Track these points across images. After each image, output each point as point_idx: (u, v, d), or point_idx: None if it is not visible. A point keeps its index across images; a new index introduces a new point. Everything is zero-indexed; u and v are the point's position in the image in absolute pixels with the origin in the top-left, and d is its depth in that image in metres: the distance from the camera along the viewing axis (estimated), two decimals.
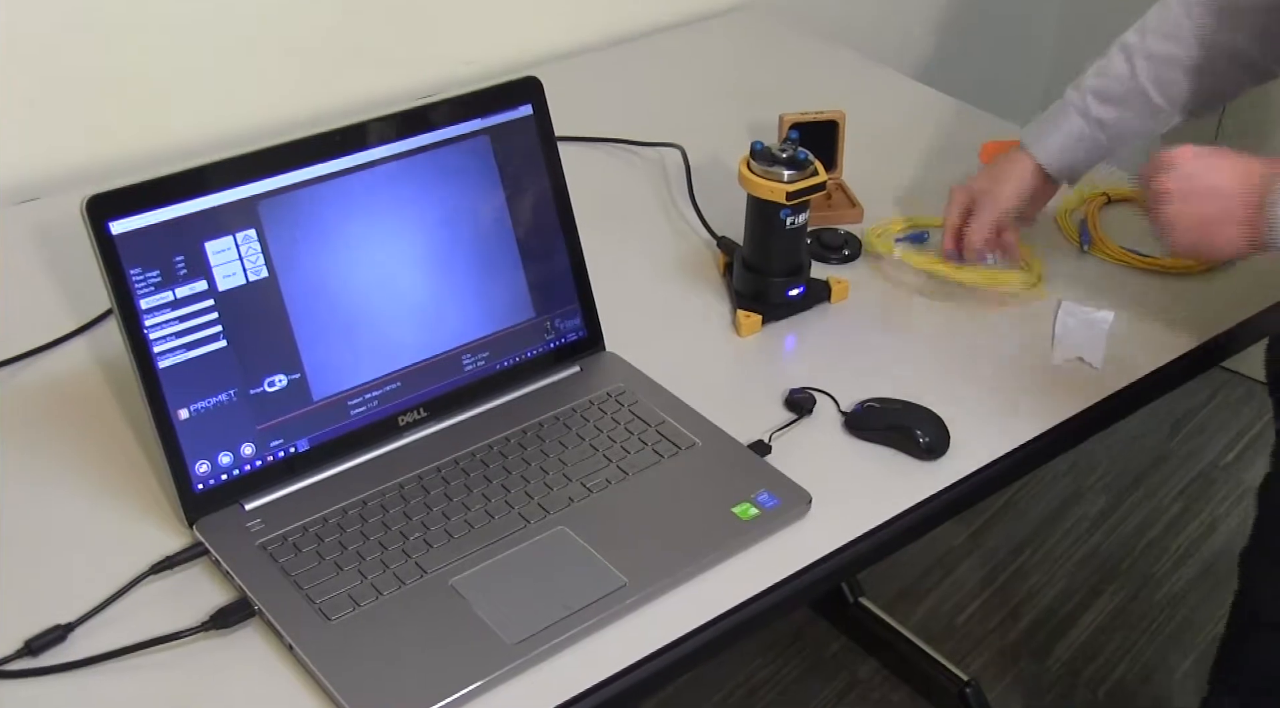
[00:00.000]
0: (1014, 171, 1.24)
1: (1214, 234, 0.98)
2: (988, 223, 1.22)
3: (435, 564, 0.94)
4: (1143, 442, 2.36)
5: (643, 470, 1.03)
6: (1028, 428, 1.11)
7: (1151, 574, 2.10)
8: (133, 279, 0.91)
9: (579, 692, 0.87)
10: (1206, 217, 0.98)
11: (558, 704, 0.86)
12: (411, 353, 1.04)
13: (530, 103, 1.08)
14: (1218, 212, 0.97)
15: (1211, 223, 0.98)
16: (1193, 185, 0.98)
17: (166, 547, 0.95)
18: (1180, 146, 1.00)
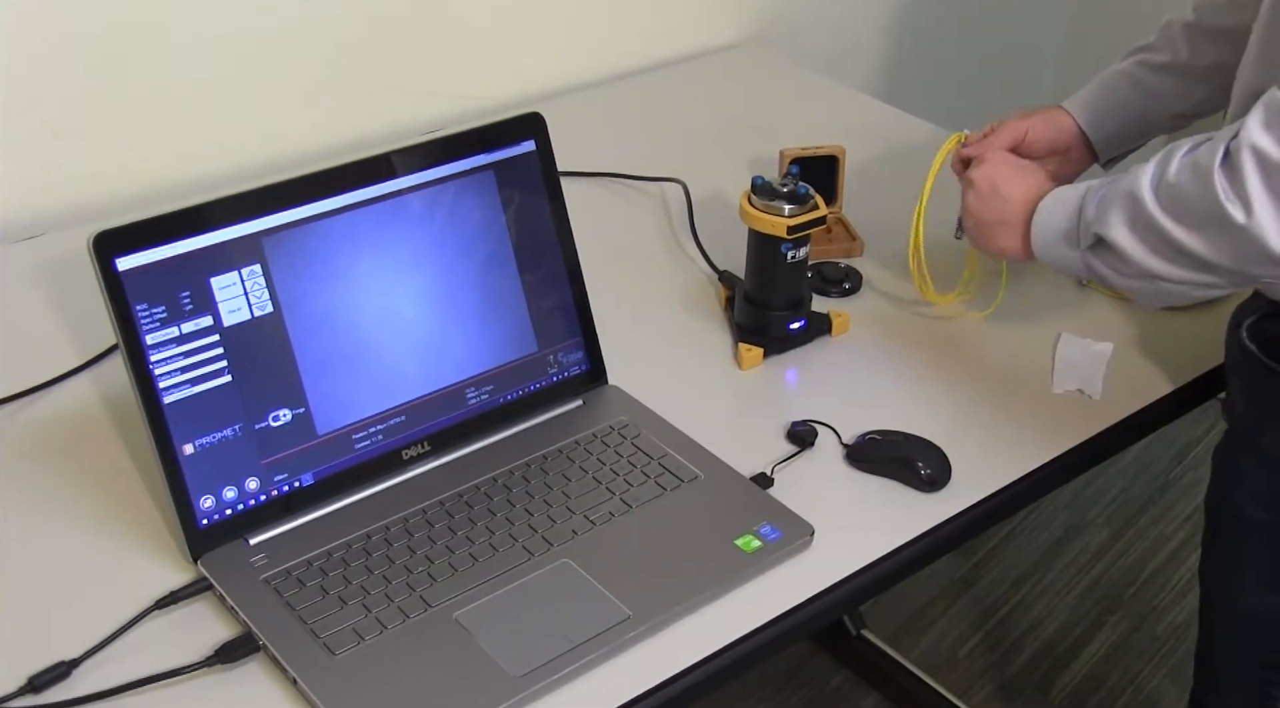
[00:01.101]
0: (1048, 116, 1.25)
1: (995, 236, 1.09)
2: (1004, 138, 1.22)
3: (439, 598, 0.94)
4: (1144, 473, 2.35)
5: (646, 503, 1.03)
6: (1029, 459, 1.11)
7: (1154, 606, 2.09)
8: (139, 315, 0.92)
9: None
10: (991, 219, 1.09)
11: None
12: (415, 387, 1.05)
13: (533, 138, 1.09)
14: (1000, 217, 1.08)
15: (995, 225, 1.09)
16: (990, 187, 1.10)
17: (171, 582, 0.95)
18: (1001, 152, 1.12)
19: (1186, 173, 0.93)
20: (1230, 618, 1.16)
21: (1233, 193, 0.88)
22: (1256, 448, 1.09)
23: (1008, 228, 1.08)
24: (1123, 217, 0.96)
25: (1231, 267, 0.92)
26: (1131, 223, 0.96)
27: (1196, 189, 0.91)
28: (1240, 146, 0.88)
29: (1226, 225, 0.89)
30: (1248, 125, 0.88)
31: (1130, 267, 0.97)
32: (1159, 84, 1.22)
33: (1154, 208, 0.94)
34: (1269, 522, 1.08)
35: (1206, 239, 0.91)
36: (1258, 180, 0.87)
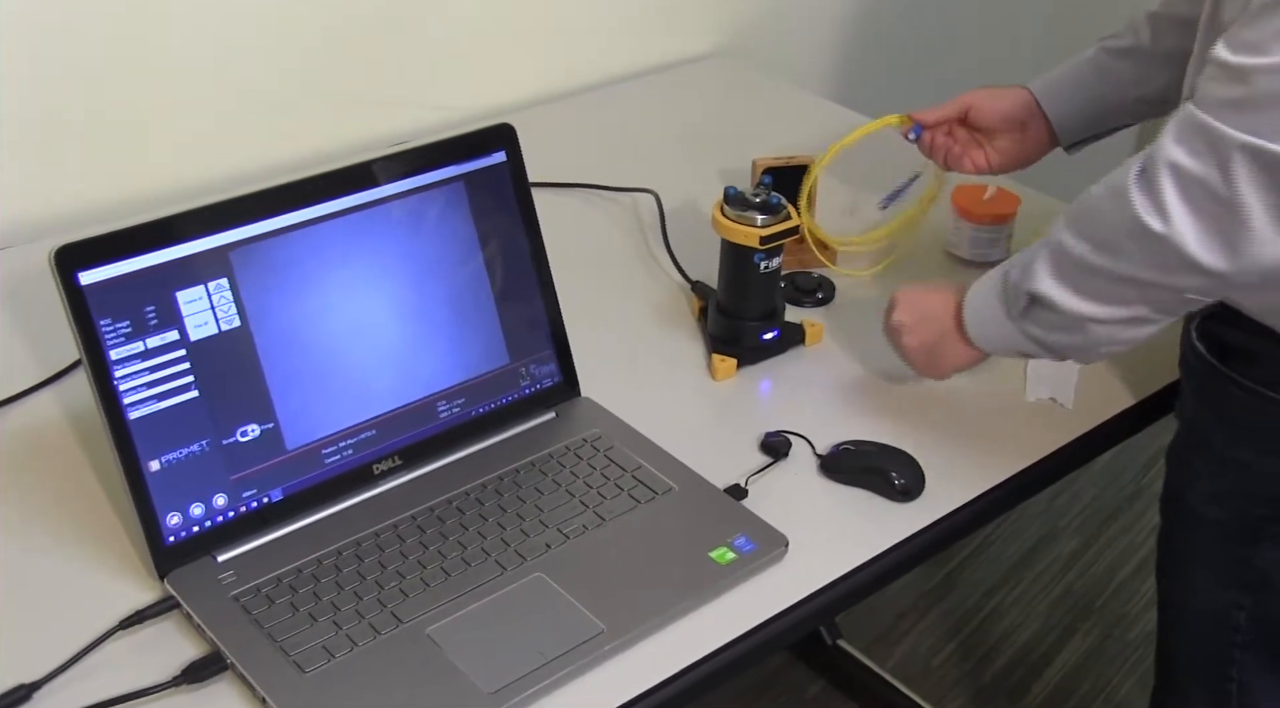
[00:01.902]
0: (1007, 91, 1.27)
1: (942, 353, 1.09)
2: (953, 106, 1.26)
3: (411, 614, 0.92)
4: (1114, 482, 2.36)
5: (619, 516, 1.02)
6: (1002, 469, 1.10)
7: (1124, 614, 2.10)
8: (102, 330, 0.90)
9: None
10: (931, 340, 1.09)
11: None
12: (386, 401, 1.03)
13: (504, 149, 1.08)
14: (938, 332, 1.09)
15: (936, 344, 1.09)
16: (916, 315, 1.10)
17: (136, 601, 0.93)
18: (903, 287, 1.13)
19: (1102, 196, 0.95)
20: (1186, 616, 1.16)
21: (1150, 205, 0.90)
22: (1207, 447, 1.10)
23: (950, 338, 1.08)
24: (1047, 266, 0.98)
25: (1155, 280, 0.93)
26: (1056, 269, 0.97)
27: (1114, 209, 0.93)
28: (1155, 161, 0.90)
29: (1146, 237, 0.91)
30: (1161, 141, 0.91)
31: (1061, 316, 0.98)
32: (1119, 67, 1.23)
33: (1074, 243, 0.96)
34: (1220, 520, 1.09)
35: (1127, 256, 0.93)
36: (1174, 191, 0.89)
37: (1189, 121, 0.89)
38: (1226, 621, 1.10)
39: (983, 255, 1.37)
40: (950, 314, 1.07)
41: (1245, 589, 1.08)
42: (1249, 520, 1.06)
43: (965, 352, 1.08)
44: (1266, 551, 1.06)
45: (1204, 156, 0.88)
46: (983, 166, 1.29)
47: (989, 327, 1.05)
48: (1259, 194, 0.86)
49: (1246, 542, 1.07)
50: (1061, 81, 1.26)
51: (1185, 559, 1.15)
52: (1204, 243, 0.89)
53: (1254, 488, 1.05)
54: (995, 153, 1.28)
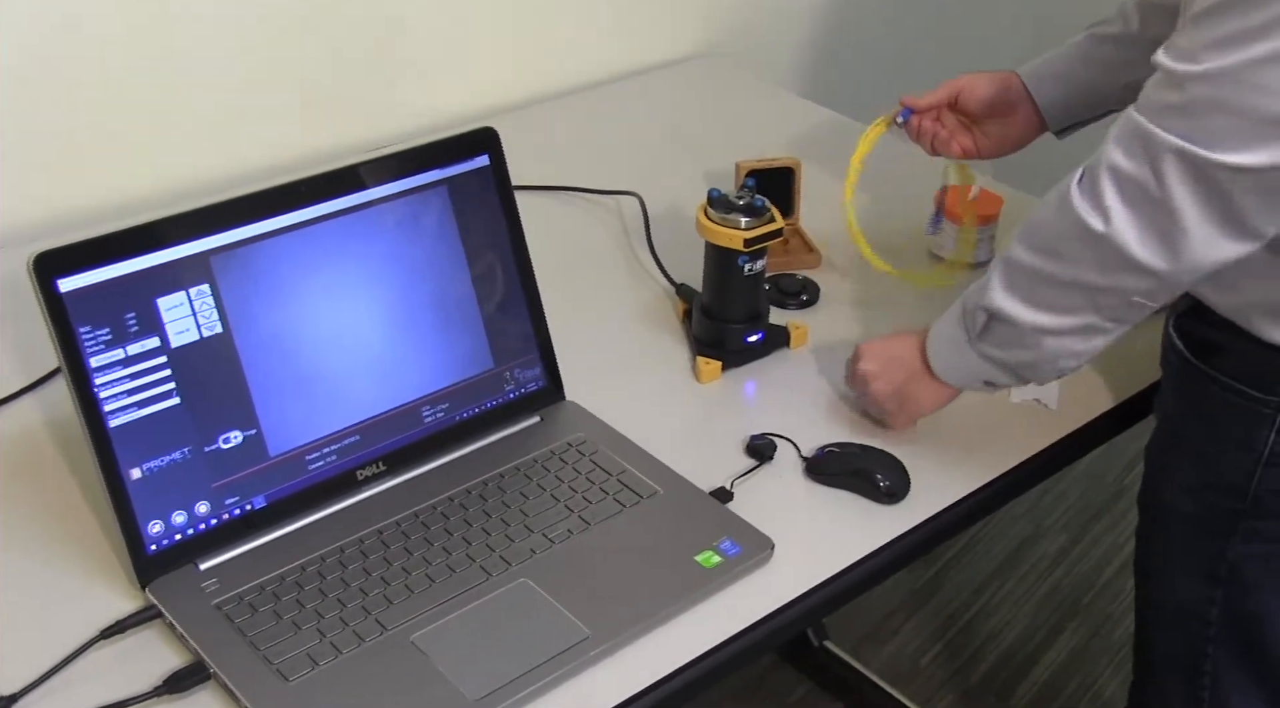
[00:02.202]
0: (995, 74, 1.27)
1: (911, 394, 1.09)
2: (943, 91, 1.27)
3: (396, 620, 0.92)
4: (1098, 480, 2.37)
5: (604, 520, 1.01)
6: (987, 470, 1.10)
7: (1110, 612, 2.10)
8: (82, 337, 0.89)
9: None
10: (900, 382, 1.09)
11: None
12: (370, 406, 1.03)
13: (487, 153, 1.07)
14: (904, 374, 1.09)
15: (904, 385, 1.09)
16: (882, 362, 1.10)
17: (118, 610, 0.92)
18: (866, 341, 1.14)
19: (1048, 204, 0.96)
20: (1162, 609, 1.17)
21: (1090, 207, 0.92)
22: (1183, 442, 1.10)
23: (917, 378, 1.08)
24: (1000, 280, 1.00)
25: (1100, 283, 0.94)
26: (1008, 282, 0.99)
27: (1058, 215, 0.95)
28: (1097, 163, 0.93)
29: (1088, 238, 0.93)
30: (1105, 145, 0.92)
31: (1015, 330, 0.99)
32: (1107, 53, 1.24)
33: (1023, 253, 0.98)
34: (1194, 514, 1.09)
35: (1072, 260, 0.95)
36: (1113, 192, 0.91)
37: (1128, 124, 0.91)
38: (1199, 614, 1.11)
39: (967, 256, 1.37)
40: (916, 354, 1.08)
41: (1216, 583, 1.09)
42: (1220, 514, 1.07)
43: (933, 391, 1.09)
44: (1237, 544, 1.07)
45: (1139, 158, 0.90)
46: (970, 151, 1.29)
47: (951, 356, 1.06)
48: (1191, 197, 0.89)
49: (1218, 536, 1.08)
50: (1050, 67, 1.26)
51: (1161, 554, 1.16)
52: (1144, 243, 0.91)
53: (1225, 481, 1.05)
54: (984, 137, 1.28)
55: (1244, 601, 1.08)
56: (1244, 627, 1.09)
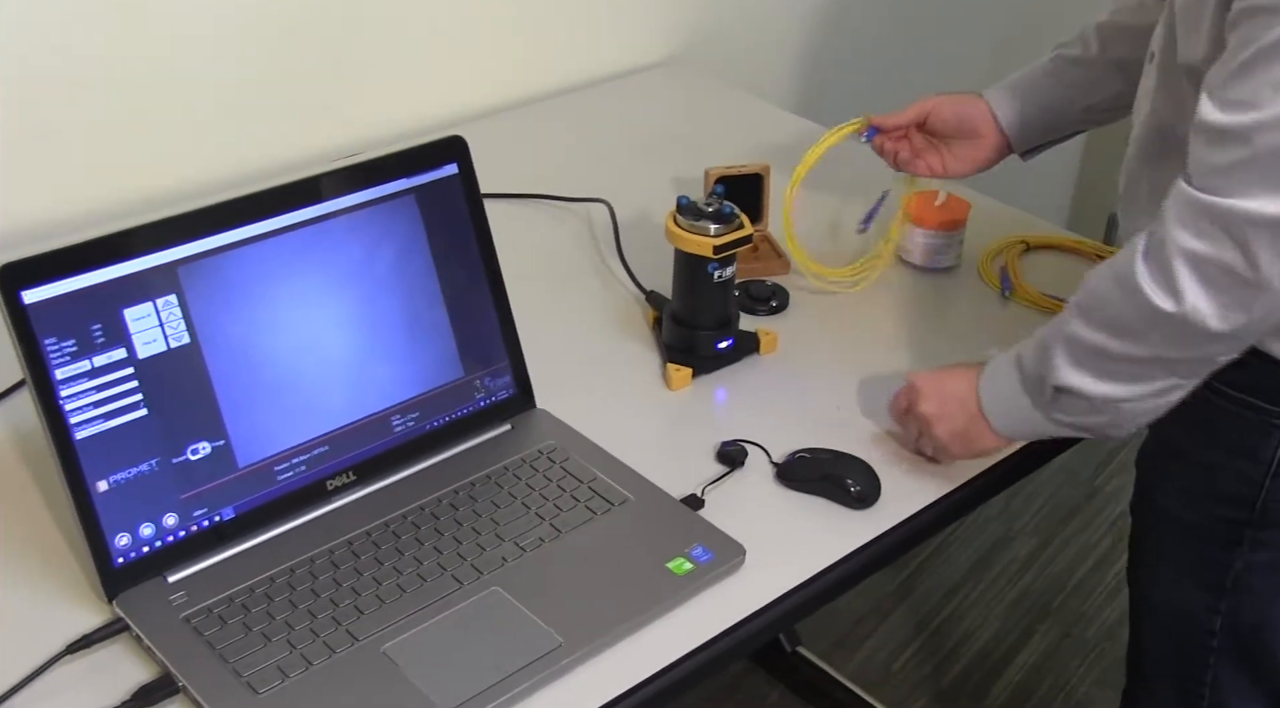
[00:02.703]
0: (963, 97, 1.28)
1: (974, 438, 1.06)
2: (911, 112, 1.28)
3: (366, 631, 0.91)
4: (1069, 481, 2.39)
5: (576, 528, 1.01)
6: (957, 474, 1.11)
7: (1082, 612, 2.12)
8: (47, 349, 0.88)
9: None
10: (963, 426, 1.06)
11: None
12: (339, 416, 1.02)
13: (456, 161, 1.07)
14: (967, 418, 1.05)
15: (969, 428, 1.06)
16: (941, 401, 1.06)
17: (84, 624, 0.91)
18: (920, 373, 1.10)
19: (1109, 285, 0.94)
20: (1156, 614, 1.18)
21: (1163, 291, 0.89)
22: (1179, 451, 1.10)
23: (979, 421, 1.05)
24: (1065, 358, 0.97)
25: (1182, 356, 0.93)
26: (1075, 360, 0.96)
27: (1124, 297, 0.92)
28: (1163, 248, 0.89)
29: (1162, 319, 0.90)
30: (1167, 225, 0.89)
31: (1091, 402, 0.97)
32: (1071, 75, 1.25)
33: (1089, 333, 0.95)
34: (1193, 523, 1.09)
35: (1146, 340, 0.92)
36: (1190, 275, 0.88)
37: (1190, 203, 0.88)
38: (1200, 623, 1.11)
39: (934, 261, 1.38)
40: (973, 396, 1.05)
41: (1219, 592, 1.09)
42: (1222, 524, 1.07)
43: (996, 437, 1.06)
44: (1243, 554, 1.06)
45: (1215, 238, 0.86)
46: (937, 171, 1.30)
47: (1016, 421, 1.04)
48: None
49: (1221, 545, 1.07)
50: (1016, 89, 1.27)
51: (1158, 561, 1.16)
52: (1225, 317, 0.89)
53: (1230, 492, 1.05)
54: (952, 158, 1.29)
55: (1249, 610, 1.08)
56: (1249, 636, 1.09)
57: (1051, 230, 1.47)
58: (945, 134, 1.29)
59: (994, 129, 1.27)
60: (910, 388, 1.10)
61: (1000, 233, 1.44)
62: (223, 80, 1.48)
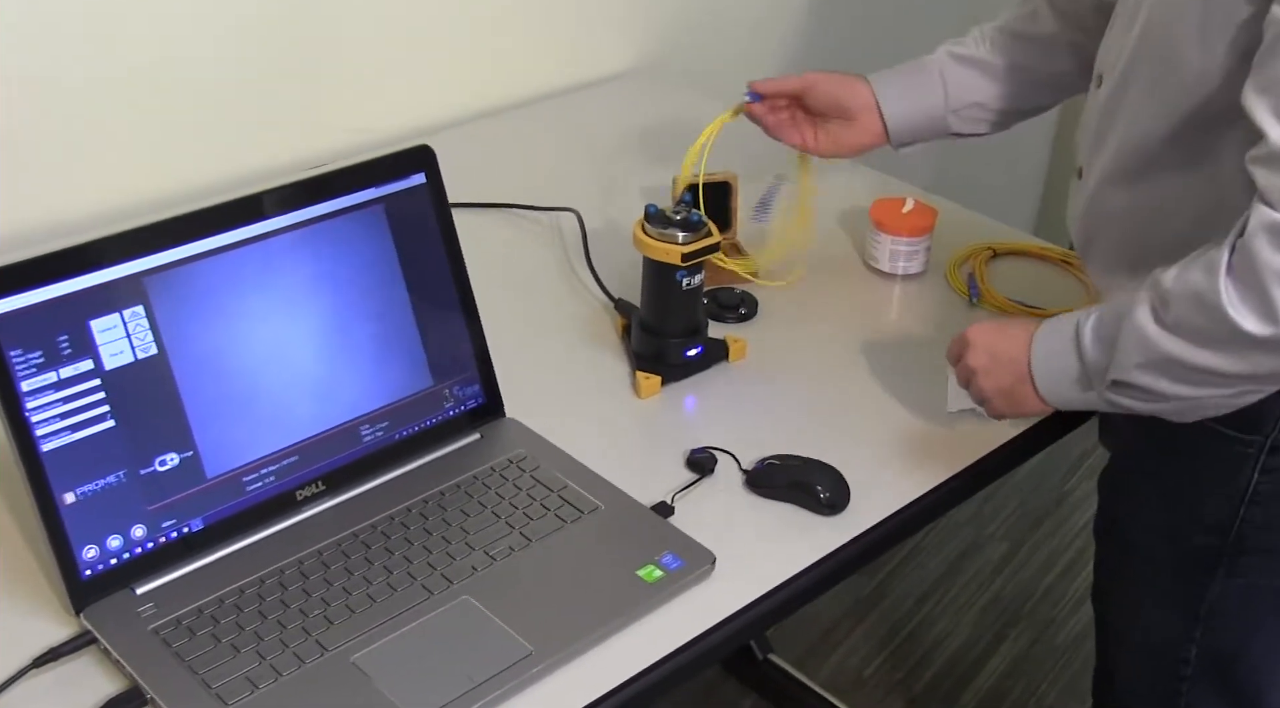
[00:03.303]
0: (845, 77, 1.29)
1: (1020, 398, 1.05)
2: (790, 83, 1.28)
3: (336, 641, 0.92)
4: (1040, 486, 2.41)
5: (546, 536, 1.02)
6: (926, 479, 1.12)
7: (1053, 618, 2.14)
8: (12, 361, 0.89)
9: None
10: (1007, 385, 1.05)
11: None
12: (308, 426, 1.03)
13: (423, 171, 1.08)
14: (1015, 377, 1.04)
15: (1014, 389, 1.04)
16: (991, 357, 1.05)
17: (51, 638, 0.91)
18: (977, 324, 1.08)
19: (1188, 304, 0.91)
20: (1126, 640, 1.18)
21: (1251, 312, 0.88)
22: (1149, 478, 1.10)
23: (1026, 383, 1.03)
24: (1137, 357, 0.94)
25: (1270, 372, 0.91)
26: (1148, 362, 0.94)
27: (1210, 320, 0.90)
28: (1253, 270, 0.87)
29: (1253, 341, 0.88)
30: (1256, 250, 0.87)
31: (1159, 396, 0.95)
32: (958, 73, 1.26)
33: (1168, 340, 0.92)
34: (1170, 552, 1.09)
35: (1235, 358, 0.90)
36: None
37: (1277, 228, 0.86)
38: (1174, 652, 1.11)
39: (902, 268, 1.40)
40: (1025, 360, 1.03)
41: (1194, 620, 1.08)
42: (1199, 552, 1.06)
43: (1042, 403, 1.04)
44: (1218, 582, 1.06)
45: None
46: (803, 144, 1.30)
47: (1067, 396, 1.02)
48: None
49: (1197, 573, 1.07)
50: (901, 81, 1.28)
51: (1128, 587, 1.16)
52: None
53: (1205, 520, 1.05)
54: (823, 135, 1.30)
55: (1226, 638, 1.08)
56: (1224, 663, 1.09)
57: (1019, 237, 1.49)
58: (823, 112, 1.29)
59: (874, 117, 1.28)
60: (962, 338, 1.08)
61: (968, 239, 1.46)
62: (193, 90, 1.48)
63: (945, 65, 1.27)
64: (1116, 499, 1.16)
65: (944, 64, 1.27)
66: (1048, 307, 1.33)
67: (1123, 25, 1.04)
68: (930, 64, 1.28)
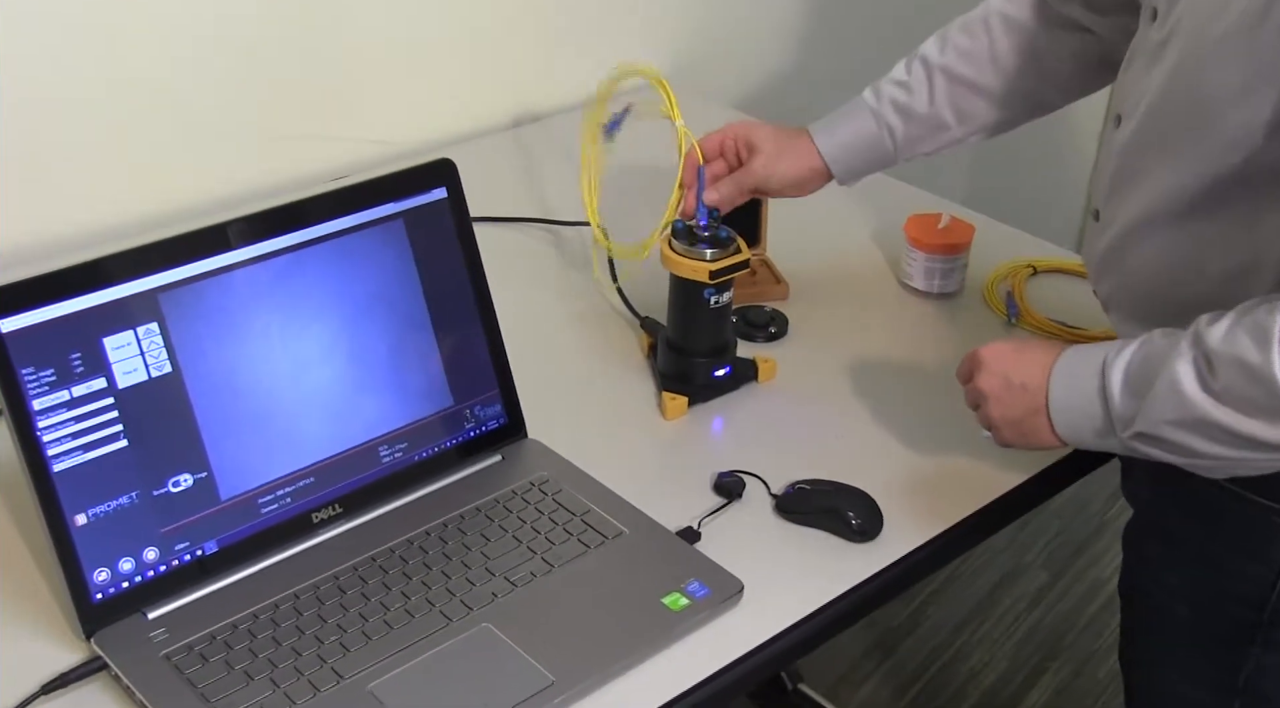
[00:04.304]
0: (796, 153, 1.26)
1: (1031, 431, 1.01)
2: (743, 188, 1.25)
3: (353, 669, 0.92)
4: (1080, 513, 2.39)
5: (568, 562, 1.02)
6: (962, 506, 1.12)
7: (1094, 651, 2.12)
8: (24, 379, 0.89)
9: None
10: (1018, 416, 1.01)
11: None
12: (325, 446, 1.03)
13: (444, 185, 1.08)
14: (1028, 408, 1.00)
15: (1025, 421, 1.00)
16: (1002, 383, 1.01)
17: (60, 663, 0.92)
18: (991, 344, 1.04)
19: (1236, 373, 0.88)
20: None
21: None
22: (1175, 542, 1.08)
23: (1039, 416, 0.99)
24: (1170, 414, 0.91)
25: None
26: (1181, 421, 0.90)
27: (1259, 391, 0.87)
28: None
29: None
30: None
31: (1189, 452, 0.92)
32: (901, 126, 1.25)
33: (1213, 408, 0.89)
34: (1195, 620, 1.07)
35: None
36: None
37: None
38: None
39: (938, 286, 1.39)
40: (1041, 390, 0.98)
41: (1232, 694, 1.06)
42: (1230, 622, 1.04)
43: (1054, 437, 1.00)
44: (1254, 654, 1.03)
45: None
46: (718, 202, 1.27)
47: (1086, 435, 0.98)
48: None
49: (1231, 645, 1.04)
50: (851, 147, 1.26)
51: (1156, 654, 1.13)
52: None
53: (1234, 589, 1.02)
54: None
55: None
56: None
57: (1060, 254, 1.48)
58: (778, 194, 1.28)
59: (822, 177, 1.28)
60: (975, 357, 1.05)
61: (1006, 256, 1.45)
62: (210, 102, 1.49)
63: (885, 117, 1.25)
64: (1142, 558, 1.13)
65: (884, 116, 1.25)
66: (1091, 328, 1.33)
67: (1143, 64, 1.00)
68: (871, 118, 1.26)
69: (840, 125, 1.27)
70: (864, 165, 1.28)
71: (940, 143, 1.27)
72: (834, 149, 1.27)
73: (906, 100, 1.25)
